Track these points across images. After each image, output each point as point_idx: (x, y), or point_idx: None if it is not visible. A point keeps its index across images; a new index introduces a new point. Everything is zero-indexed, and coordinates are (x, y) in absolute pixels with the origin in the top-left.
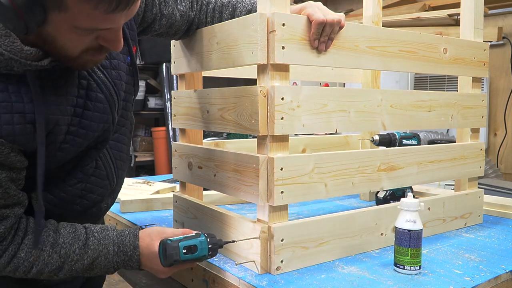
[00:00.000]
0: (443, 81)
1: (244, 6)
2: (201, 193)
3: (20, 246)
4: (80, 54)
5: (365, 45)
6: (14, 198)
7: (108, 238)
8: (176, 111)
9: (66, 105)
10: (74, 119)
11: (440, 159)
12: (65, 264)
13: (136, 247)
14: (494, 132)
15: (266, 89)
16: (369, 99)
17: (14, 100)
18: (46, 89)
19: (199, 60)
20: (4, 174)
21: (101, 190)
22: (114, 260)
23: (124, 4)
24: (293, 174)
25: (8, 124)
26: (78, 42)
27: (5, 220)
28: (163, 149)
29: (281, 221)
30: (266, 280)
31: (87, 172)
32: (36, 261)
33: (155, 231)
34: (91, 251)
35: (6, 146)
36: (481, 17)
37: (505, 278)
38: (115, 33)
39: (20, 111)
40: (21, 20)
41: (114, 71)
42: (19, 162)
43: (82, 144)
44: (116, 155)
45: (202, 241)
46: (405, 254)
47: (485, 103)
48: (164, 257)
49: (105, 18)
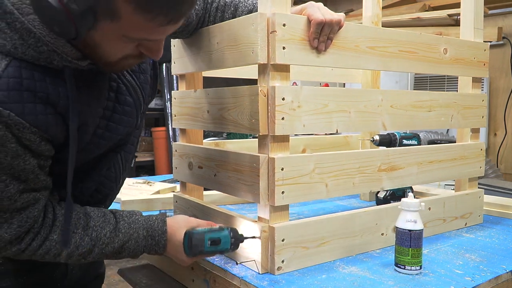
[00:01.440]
0: (443, 81)
1: (245, 6)
2: (201, 193)
3: (52, 229)
4: (119, 60)
5: (365, 45)
6: (44, 182)
7: (138, 222)
8: (176, 111)
9: (97, 107)
10: (102, 121)
11: (440, 159)
12: (96, 247)
13: (164, 232)
14: (494, 132)
15: (266, 89)
16: (369, 99)
17: (51, 91)
18: (80, 88)
19: (199, 60)
20: (35, 161)
21: (107, 191)
22: (142, 244)
23: (177, 18)
24: (294, 174)
25: (42, 114)
26: (120, 49)
27: (38, 203)
28: (163, 149)
29: (282, 221)
30: (267, 280)
31: (101, 173)
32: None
33: (182, 220)
34: (122, 235)
35: (38, 135)
36: (481, 17)
37: (505, 278)
38: (159, 44)
39: (55, 103)
40: (72, 25)
41: (142, 75)
42: (47, 150)
43: (105, 146)
44: (127, 157)
45: (225, 235)
46: (406, 254)
47: (485, 103)
48: (189, 247)
49: (156, 31)
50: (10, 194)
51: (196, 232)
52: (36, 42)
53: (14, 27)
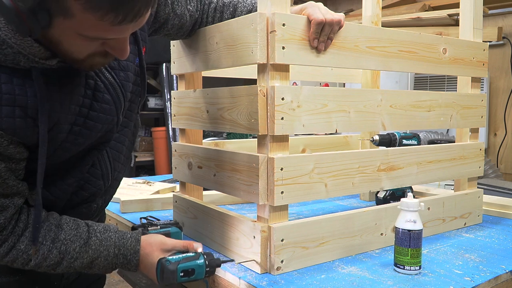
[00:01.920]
0: (443, 81)
1: (245, 6)
2: (201, 193)
3: (20, 238)
4: (86, 58)
5: (365, 45)
6: (13, 188)
7: (110, 240)
8: (176, 111)
9: (70, 104)
10: (79, 119)
11: (440, 159)
12: (64, 260)
13: (137, 252)
14: (494, 132)
15: (266, 89)
16: (369, 99)
17: (18, 93)
18: (50, 86)
19: (199, 60)
20: (3, 165)
21: (93, 189)
22: (113, 261)
23: (131, 17)
24: (293, 174)
25: (9, 117)
26: (83, 47)
27: (5, 210)
28: (163, 149)
29: (281, 221)
30: (266, 280)
31: (83, 170)
32: (35, 254)
33: (156, 242)
34: (92, 251)
35: (5, 138)
36: (480, 17)
37: (505, 278)
38: (122, 42)
39: (23, 105)
40: (24, 24)
41: (122, 72)
42: (18, 153)
43: (83, 143)
44: (115, 156)
45: (200, 265)
46: (405, 254)
47: (484, 103)
48: (161, 277)
49: (111, 29)
50: None
51: (169, 263)
52: (0, 44)
53: None
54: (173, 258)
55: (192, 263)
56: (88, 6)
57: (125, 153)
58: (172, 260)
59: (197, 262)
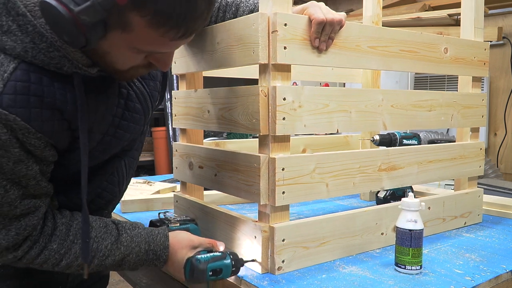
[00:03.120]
0: (443, 81)
1: (247, 6)
2: (201, 193)
3: (51, 238)
4: (128, 69)
5: (366, 45)
6: (44, 189)
7: (140, 236)
8: (176, 111)
9: (105, 113)
10: (111, 129)
11: (440, 159)
12: (95, 258)
13: (166, 248)
14: (494, 132)
15: (267, 89)
16: (370, 99)
17: (58, 97)
18: (87, 93)
19: (199, 60)
20: (38, 167)
21: (110, 197)
22: (143, 258)
23: (189, 33)
24: (295, 174)
25: (49, 120)
26: (129, 59)
27: (37, 210)
28: (163, 149)
29: (283, 221)
30: (267, 280)
31: (103, 178)
32: (67, 253)
33: (185, 239)
34: (124, 248)
35: (43, 140)
36: (481, 17)
37: (505, 277)
38: (169, 56)
39: (62, 109)
40: (82, 36)
41: (152, 81)
42: (51, 156)
43: (110, 152)
44: (131, 163)
45: (227, 265)
46: (406, 253)
47: (485, 102)
48: (190, 274)
49: (167, 44)
50: (10, 200)
51: (199, 262)
52: (47, 47)
53: (26, 30)
54: (203, 258)
55: (220, 262)
56: (154, 22)
57: (137, 159)
58: (202, 260)
59: (224, 262)
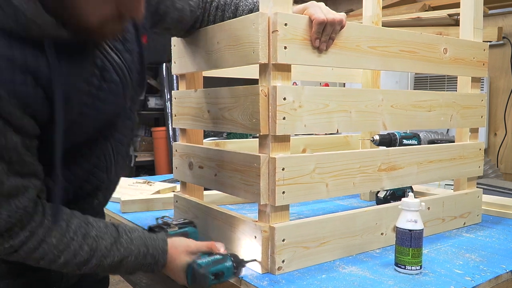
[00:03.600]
0: (443, 81)
1: (246, 5)
2: (201, 193)
3: (51, 233)
4: (99, 25)
5: (366, 45)
6: (31, 166)
7: (140, 239)
8: (176, 111)
9: (81, 81)
10: (88, 99)
11: (440, 159)
12: (94, 258)
13: (165, 252)
14: (494, 132)
15: (267, 89)
16: (370, 99)
17: (30, 60)
18: (60, 60)
19: (199, 60)
20: (18, 139)
21: (97, 182)
22: (141, 262)
23: None
24: (295, 174)
25: (22, 85)
26: (98, 8)
27: (26, 191)
28: (163, 149)
29: (283, 221)
30: (267, 280)
31: (90, 159)
32: (65, 250)
33: (182, 244)
34: (124, 249)
35: (17, 107)
36: (480, 17)
37: (505, 278)
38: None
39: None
40: None
41: (127, 54)
42: (31, 126)
43: (90, 126)
44: (118, 148)
45: (229, 267)
46: (406, 254)
47: (484, 103)
48: (192, 280)
49: None
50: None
51: (200, 267)
52: (14, 12)
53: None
54: (203, 262)
55: (222, 266)
56: None
57: (126, 146)
58: (202, 264)
59: (225, 265)
